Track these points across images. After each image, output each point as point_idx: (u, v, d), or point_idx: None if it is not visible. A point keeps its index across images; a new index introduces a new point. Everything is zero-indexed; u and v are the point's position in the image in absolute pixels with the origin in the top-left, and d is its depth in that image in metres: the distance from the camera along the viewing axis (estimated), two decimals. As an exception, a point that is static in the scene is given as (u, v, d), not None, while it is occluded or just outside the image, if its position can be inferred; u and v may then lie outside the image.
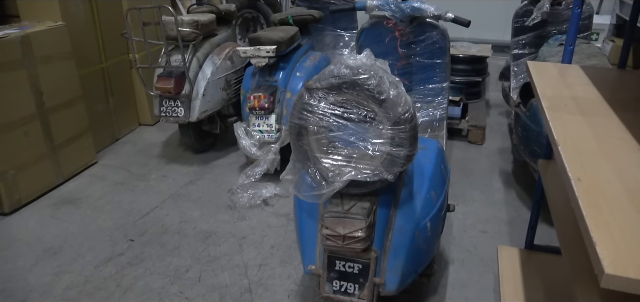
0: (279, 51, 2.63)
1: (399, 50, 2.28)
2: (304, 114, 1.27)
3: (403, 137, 1.22)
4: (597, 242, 0.72)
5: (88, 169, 3.01)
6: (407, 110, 1.21)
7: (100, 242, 2.26)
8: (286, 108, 2.64)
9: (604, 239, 0.73)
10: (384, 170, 1.25)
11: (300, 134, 1.30)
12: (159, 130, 3.59)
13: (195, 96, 2.80)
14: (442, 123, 2.41)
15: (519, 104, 2.60)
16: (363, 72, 1.20)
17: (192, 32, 2.78)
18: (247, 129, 2.65)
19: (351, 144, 1.27)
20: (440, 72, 2.36)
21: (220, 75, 2.91)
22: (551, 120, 1.09)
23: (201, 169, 2.97)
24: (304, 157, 1.32)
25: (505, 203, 2.51)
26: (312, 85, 1.25)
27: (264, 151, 2.61)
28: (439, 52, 2.30)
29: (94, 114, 3.14)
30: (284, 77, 2.71)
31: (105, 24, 3.22)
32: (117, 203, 2.61)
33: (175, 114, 2.79)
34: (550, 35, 2.89)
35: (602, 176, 0.88)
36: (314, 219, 1.44)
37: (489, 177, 2.77)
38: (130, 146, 3.36)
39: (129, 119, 3.57)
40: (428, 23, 2.23)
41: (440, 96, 2.40)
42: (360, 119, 1.24)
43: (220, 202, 2.56)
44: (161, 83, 2.74)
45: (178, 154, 3.19)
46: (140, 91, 3.51)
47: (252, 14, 4.15)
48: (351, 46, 3.83)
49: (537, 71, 1.47)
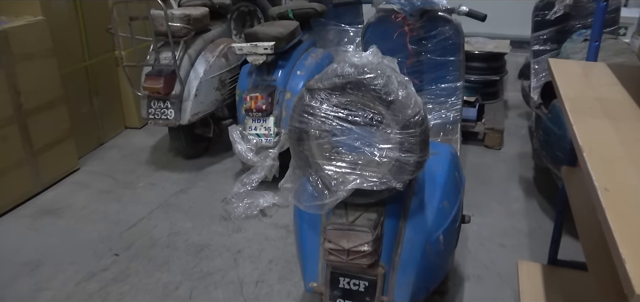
0: (278, 48, 2.64)
1: (409, 46, 2.28)
2: (305, 116, 1.27)
3: (413, 142, 1.21)
4: (626, 259, 0.71)
5: (70, 176, 3.02)
6: (417, 113, 1.21)
7: (83, 256, 2.26)
8: (285, 110, 2.65)
9: (634, 255, 0.72)
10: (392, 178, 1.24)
11: (300, 138, 1.29)
12: (147, 134, 3.60)
13: (186, 97, 2.81)
14: (456, 126, 2.41)
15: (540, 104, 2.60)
16: (369, 71, 1.20)
17: (184, 28, 2.79)
18: (243, 133, 2.65)
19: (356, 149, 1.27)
20: (454, 71, 2.36)
21: (214, 74, 2.92)
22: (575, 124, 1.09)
23: (193, 176, 2.98)
24: (304, 163, 1.32)
25: (525, 214, 2.50)
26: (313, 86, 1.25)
27: (261, 156, 2.61)
28: (452, 48, 2.30)
29: (76, 116, 3.15)
30: (283, 77, 2.72)
31: (89, 19, 3.24)
32: (101, 213, 2.62)
33: (164, 117, 2.80)
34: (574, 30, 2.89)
35: (631, 185, 0.88)
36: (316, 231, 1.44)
37: (508, 185, 2.76)
38: (115, 151, 3.37)
39: (114, 121, 3.59)
40: (440, 17, 2.24)
41: (454, 97, 2.39)
42: (366, 123, 1.24)
43: (214, 213, 2.56)
44: (149, 83, 2.74)
45: (168, 160, 3.19)
46: (127, 91, 3.53)
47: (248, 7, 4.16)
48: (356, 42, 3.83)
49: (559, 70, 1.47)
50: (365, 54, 1.27)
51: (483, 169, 2.96)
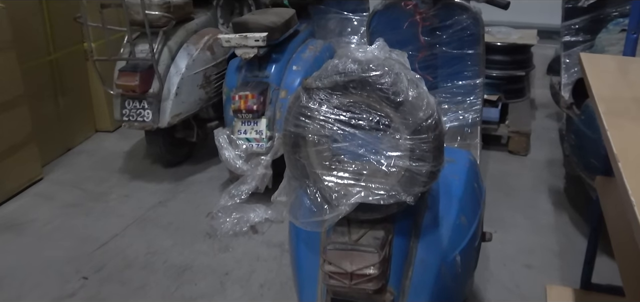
0: (271, 39, 2.65)
1: (421, 38, 2.30)
2: (302, 120, 1.27)
3: (425, 148, 1.22)
4: (667, 283, 0.72)
5: (32, 186, 3.02)
6: (430, 115, 1.21)
7: (47, 278, 2.26)
8: (280, 110, 2.66)
9: (675, 279, 0.73)
10: (401, 190, 1.25)
11: (296, 144, 1.30)
12: (121, 138, 3.61)
13: (166, 96, 2.82)
14: (475, 129, 2.42)
15: (572, 104, 2.61)
16: (375, 68, 1.21)
17: (163, 16, 2.80)
18: (230, 137, 2.66)
19: (360, 157, 1.28)
20: (473, 66, 2.37)
21: (198, 70, 2.93)
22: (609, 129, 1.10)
23: (173, 186, 2.98)
24: (301, 173, 1.32)
25: (555, 229, 2.50)
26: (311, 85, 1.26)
27: (252, 164, 2.62)
28: (470, 40, 2.32)
29: (39, 117, 3.16)
30: (277, 72, 2.73)
31: (54, 6, 3.25)
32: (68, 229, 2.62)
33: (141, 118, 2.81)
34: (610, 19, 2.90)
35: (673, 199, 0.88)
36: (315, 251, 1.45)
37: (535, 197, 2.77)
38: (85, 158, 3.37)
39: (83, 124, 3.59)
40: (456, 4, 2.25)
41: (473, 95, 2.40)
42: (371, 127, 1.25)
43: (198, 229, 2.57)
44: (124, 79, 2.75)
45: (144, 168, 3.20)
46: (98, 90, 3.54)
47: (237, -8, 4.18)
48: (361, 33, 3.84)
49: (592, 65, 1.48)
50: (371, 48, 1.28)
51: (506, 178, 2.96)
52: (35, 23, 3.16)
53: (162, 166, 3.19)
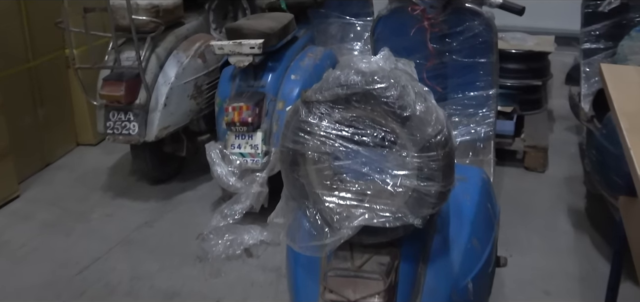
0: (268, 46, 2.66)
1: (429, 45, 2.30)
2: (301, 135, 1.28)
3: (434, 167, 1.22)
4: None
5: (8, 204, 3.02)
6: (439, 131, 1.22)
7: (23, 306, 2.26)
8: (277, 123, 2.66)
9: None
10: (408, 212, 1.25)
11: (295, 162, 1.30)
12: (105, 152, 3.61)
13: (154, 107, 2.83)
14: (488, 144, 2.42)
15: (593, 117, 2.62)
16: (380, 80, 1.22)
17: (151, 21, 2.81)
18: (223, 152, 2.66)
19: (364, 176, 1.28)
20: (485, 75, 2.37)
21: (188, 79, 2.94)
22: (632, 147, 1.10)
23: (161, 205, 2.98)
24: (300, 193, 1.33)
25: (575, 252, 2.50)
26: (311, 97, 1.27)
27: (246, 181, 2.62)
28: (482, 48, 2.33)
29: (16, 130, 3.16)
30: (274, 81, 2.74)
31: (34, 10, 3.26)
32: (46, 252, 2.61)
33: (126, 131, 2.81)
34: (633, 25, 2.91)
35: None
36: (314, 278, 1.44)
37: (553, 217, 2.77)
38: (65, 174, 3.37)
39: (64, 136, 3.60)
40: (468, 9, 2.26)
41: (486, 107, 2.41)
42: (376, 143, 1.25)
43: (187, 252, 2.56)
44: (108, 89, 2.76)
45: (130, 185, 3.20)
46: (80, 100, 3.53)
47: (231, -5, 4.20)
48: (364, 39, 3.86)
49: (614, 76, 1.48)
50: (375, 59, 1.29)
51: (523, 196, 2.96)
52: (13, 28, 3.16)
53: (149, 182, 3.18)
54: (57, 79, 3.49)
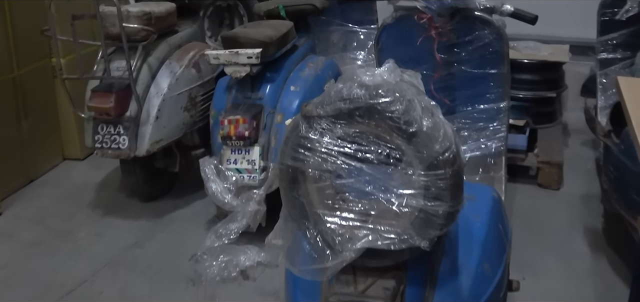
0: (266, 56, 2.67)
1: (436, 56, 2.31)
2: (301, 152, 1.28)
3: (442, 186, 1.23)
4: None
5: (-11, 223, 3.02)
6: (447, 148, 1.22)
7: (4, 332, 2.25)
8: (275, 137, 2.67)
9: None
10: (415, 233, 1.25)
11: (295, 180, 1.31)
12: (92, 167, 3.61)
13: (145, 119, 2.83)
14: (499, 159, 2.42)
15: (610, 132, 2.62)
16: (384, 94, 1.22)
17: (142, 29, 2.82)
18: (218, 167, 2.66)
19: (368, 195, 1.28)
20: (496, 87, 2.38)
21: (182, 90, 2.95)
22: (653, 165, 1.10)
23: (152, 224, 2.97)
24: (299, 213, 1.33)
25: (592, 275, 2.49)
26: (312, 112, 1.27)
27: (242, 199, 2.62)
28: (493, 58, 2.33)
29: (-1, 143, 3.17)
30: (273, 93, 2.74)
31: (18, 17, 3.27)
32: (29, 273, 2.61)
33: (115, 145, 2.81)
34: (653, 34, 2.93)
35: None
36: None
37: (569, 237, 2.76)
38: (50, 190, 3.37)
39: (49, 150, 3.60)
40: (477, 18, 2.27)
41: (497, 121, 2.41)
42: (380, 161, 1.26)
43: (179, 274, 2.56)
44: (97, 100, 2.76)
45: (119, 203, 3.19)
46: (67, 112, 3.54)
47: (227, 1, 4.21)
48: (368, 48, 3.87)
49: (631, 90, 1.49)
50: (380, 71, 1.29)
51: (536, 215, 2.96)
52: (-4, 36, 3.18)
53: (139, 200, 3.18)
54: (43, 90, 3.50)
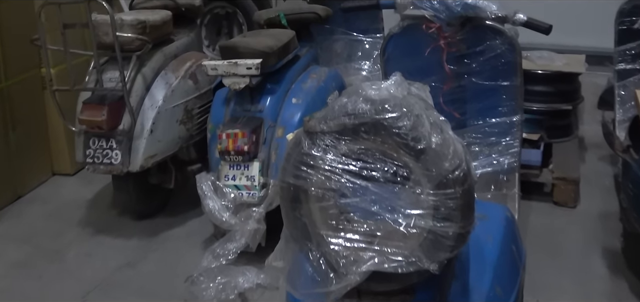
0: (266, 67, 2.68)
1: (446, 67, 2.32)
2: (303, 169, 1.29)
3: (452, 206, 1.23)
4: None
5: (-26, 242, 3.02)
6: (457, 166, 1.23)
7: (-11, 357, 2.25)
8: (276, 152, 2.67)
9: None
10: (423, 256, 1.25)
11: (296, 199, 1.31)
12: (83, 183, 3.62)
13: (139, 133, 2.84)
14: (512, 176, 2.42)
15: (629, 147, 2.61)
16: (391, 109, 1.23)
17: (137, 39, 2.84)
18: (216, 184, 2.66)
19: (373, 215, 1.28)
20: (509, 100, 2.38)
21: (178, 102, 2.96)
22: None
23: (145, 243, 2.97)
24: (301, 234, 1.33)
25: (611, 298, 2.48)
26: (314, 127, 1.28)
27: (241, 217, 2.62)
28: (505, 69, 2.34)
29: (-15, 158, 3.18)
30: (273, 106, 2.75)
31: (6, 26, 3.29)
32: (16, 295, 2.61)
33: (108, 160, 2.82)
34: (673, 44, 2.94)
35: None
36: (317, 328, 1.44)
37: (587, 258, 2.75)
38: (38, 207, 3.38)
39: (38, 165, 3.60)
40: (488, 27, 2.28)
41: (509, 135, 2.41)
42: (386, 179, 1.26)
43: (174, 296, 2.55)
44: (88, 113, 2.77)
45: (111, 220, 3.19)
46: (57, 125, 3.55)
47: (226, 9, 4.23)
48: (374, 58, 3.88)
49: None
50: (386, 84, 1.29)
51: (551, 235, 2.95)
52: (-17, 45, 3.20)
53: (132, 218, 3.18)
54: (32, 102, 3.51)
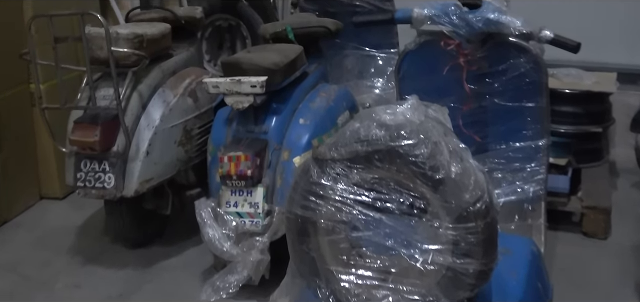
0: (272, 84, 2.68)
1: (465, 86, 2.32)
2: (311, 200, 1.29)
3: (472, 241, 1.23)
4: None
5: (-45, 271, 3.03)
6: (478, 197, 1.23)
7: None
8: (282, 177, 2.67)
9: None
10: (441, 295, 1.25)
11: (304, 232, 1.31)
12: (73, 207, 3.63)
13: (134, 155, 2.85)
14: (538, 205, 2.40)
15: (665, 174, 2.61)
16: (407, 135, 1.23)
17: (133, 54, 2.84)
18: (216, 210, 2.66)
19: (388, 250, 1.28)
20: (533, 122, 2.37)
21: (176, 122, 2.96)
22: None
23: (139, 274, 2.97)
24: (309, 269, 1.33)
25: (646, 340, 2.47)
26: (324, 154, 1.28)
27: (243, 247, 2.61)
28: (530, 89, 2.33)
29: (-31, 180, 3.19)
30: (279, 127, 2.75)
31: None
32: (-1, 330, 2.62)
33: (100, 184, 2.82)
34: None
35: None
36: None
37: (618, 294, 2.73)
38: (23, 234, 3.38)
39: (24, 188, 3.62)
40: (512, 44, 2.27)
41: (534, 161, 2.40)
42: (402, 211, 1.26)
43: (170, 332, 2.55)
44: (80, 133, 2.78)
45: (102, 249, 3.19)
46: (46, 145, 3.56)
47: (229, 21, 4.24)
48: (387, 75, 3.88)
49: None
50: (402, 109, 1.30)
51: (580, 269, 2.93)
52: (-31, 59, 3.23)
53: (125, 246, 3.18)
54: (19, 120, 3.53)
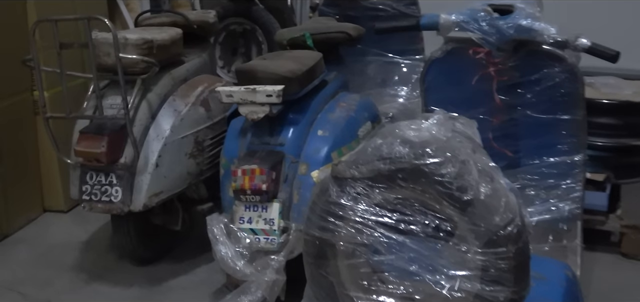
0: (288, 94, 2.68)
1: (496, 98, 2.31)
2: (330, 221, 1.29)
3: (503, 267, 1.22)
4: None
5: (-46, 288, 3.05)
6: (510, 221, 1.22)
7: None
8: (299, 192, 2.66)
9: None
10: (469, 324, 1.25)
11: (322, 255, 1.32)
12: (77, 222, 3.65)
13: (142, 168, 2.86)
14: (573, 225, 2.39)
15: None
16: (433, 153, 1.23)
17: (142, 60, 2.86)
18: (229, 227, 2.66)
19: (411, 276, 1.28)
20: (569, 136, 2.36)
21: (187, 133, 2.98)
22: None
23: (147, 292, 2.98)
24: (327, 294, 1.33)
25: None
26: (344, 172, 1.29)
27: (258, 266, 2.61)
28: (565, 101, 2.32)
29: (-32, 193, 3.23)
30: (296, 138, 2.75)
31: (-4, 44, 3.36)
32: (-1, 352, 2.63)
33: (106, 198, 2.83)
34: None
35: None
36: None
37: (661, 322, 2.71)
38: (25, 250, 3.41)
39: (27, 201, 3.64)
40: (546, 53, 2.27)
41: (570, 177, 2.39)
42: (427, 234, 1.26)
43: (179, 357, 2.56)
44: (85, 144, 2.79)
45: (107, 266, 3.21)
46: (50, 156, 3.58)
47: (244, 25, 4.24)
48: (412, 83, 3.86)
49: None
50: (427, 125, 1.30)
51: (619, 293, 2.90)
52: (-30, 65, 3.26)
53: (132, 263, 3.19)
54: (22, 129, 3.56)
